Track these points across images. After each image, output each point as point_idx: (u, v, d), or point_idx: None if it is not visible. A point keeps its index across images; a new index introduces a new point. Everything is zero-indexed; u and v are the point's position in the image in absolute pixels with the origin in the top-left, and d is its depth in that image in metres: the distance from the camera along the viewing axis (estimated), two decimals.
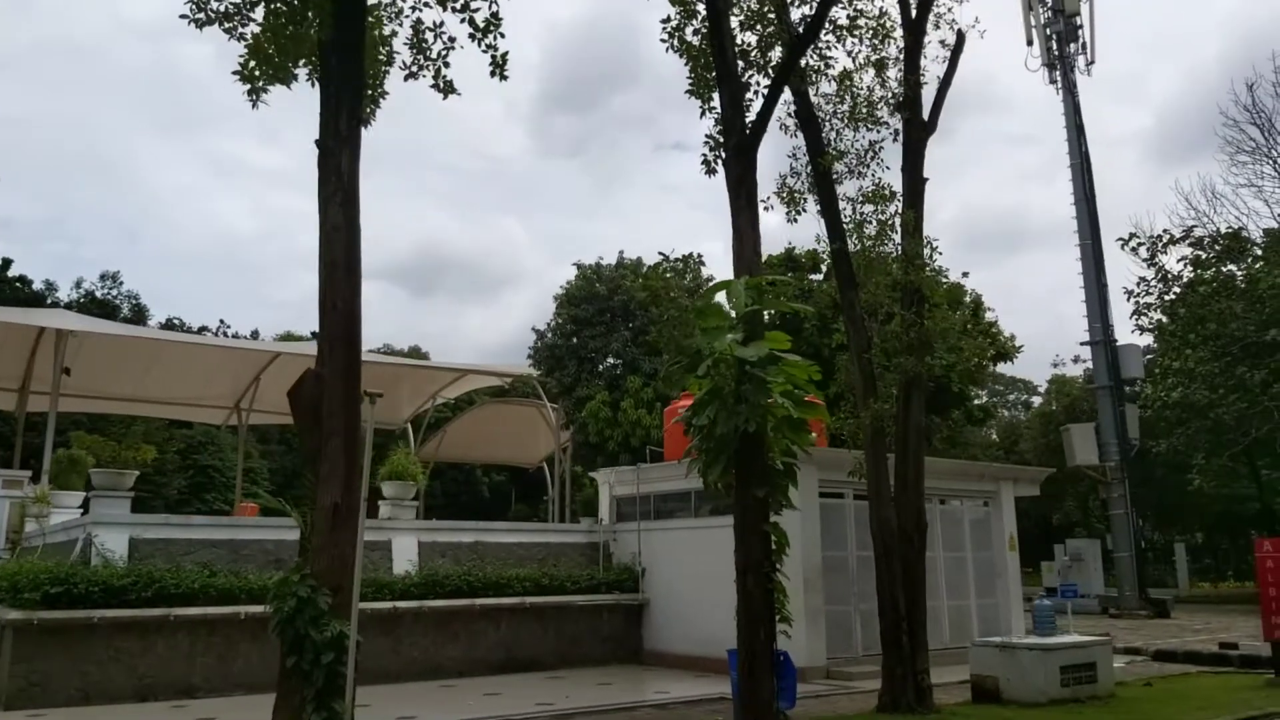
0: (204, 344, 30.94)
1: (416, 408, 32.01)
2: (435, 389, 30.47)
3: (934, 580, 15.26)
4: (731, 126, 9.08)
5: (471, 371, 30.62)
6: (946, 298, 31.13)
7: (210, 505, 44.35)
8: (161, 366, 25.26)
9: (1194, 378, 31.80)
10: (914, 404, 10.86)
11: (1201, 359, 32.30)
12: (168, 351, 25.53)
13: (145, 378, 25.70)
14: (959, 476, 16.11)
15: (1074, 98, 28.42)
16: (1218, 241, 31.86)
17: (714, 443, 8.06)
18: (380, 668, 13.61)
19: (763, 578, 7.90)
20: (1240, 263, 31.24)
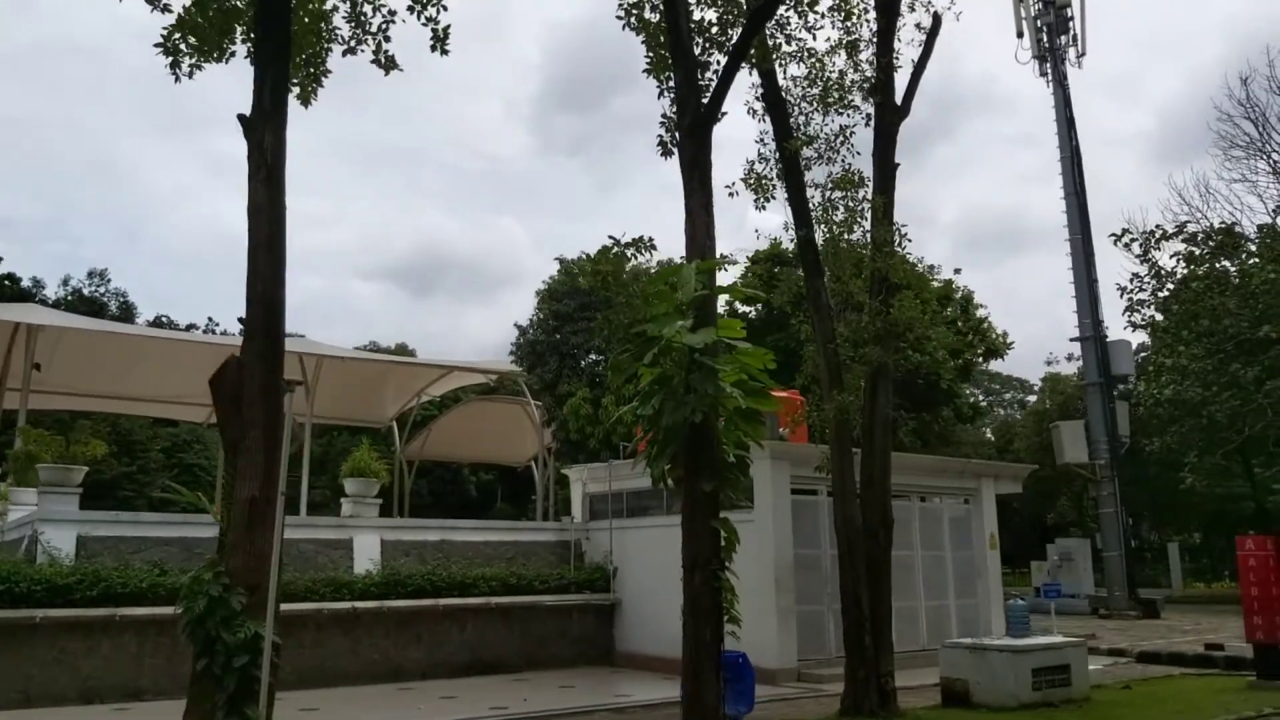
0: (183, 340, 30.53)
1: (401, 405, 31.60)
2: (420, 386, 30.06)
3: (912, 580, 14.90)
4: (686, 105, 8.69)
5: (456, 368, 30.18)
6: (936, 294, 30.83)
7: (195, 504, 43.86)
8: (141, 363, 24.84)
9: (1187, 375, 31.45)
10: (880, 396, 10.46)
11: (1194, 356, 31.93)
12: (147, 348, 25.10)
13: (125, 375, 25.27)
14: (938, 473, 15.72)
15: (1064, 91, 28.05)
16: (1211, 237, 31.53)
17: (660, 434, 7.67)
18: (339, 669, 13.25)
19: (710, 576, 7.51)
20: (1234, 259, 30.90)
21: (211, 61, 8.47)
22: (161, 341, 26.65)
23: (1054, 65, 28.19)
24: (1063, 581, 27.51)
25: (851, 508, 10.03)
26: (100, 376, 25.15)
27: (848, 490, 10.10)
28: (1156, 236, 32.36)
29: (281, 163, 7.33)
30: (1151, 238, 32.31)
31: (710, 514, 7.66)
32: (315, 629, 13.16)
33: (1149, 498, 41.77)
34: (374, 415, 30.64)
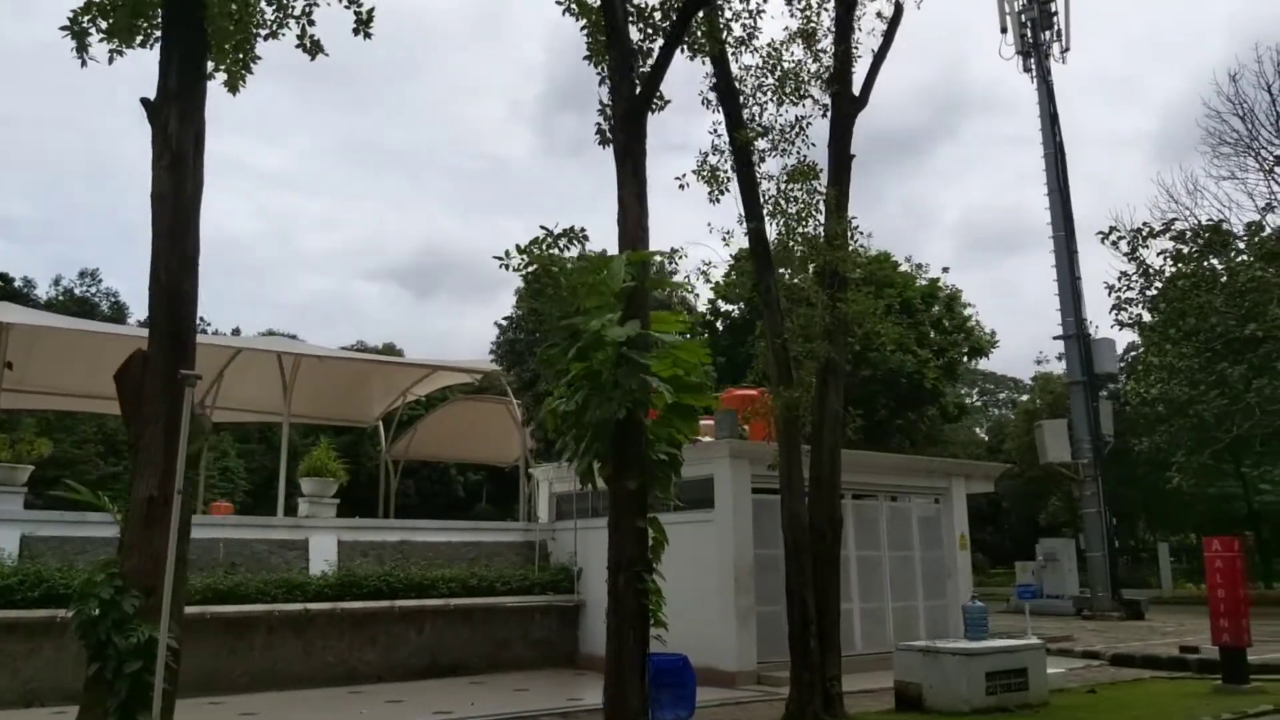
0: None
1: (387, 405, 31.37)
2: (405, 386, 29.82)
3: (879, 580, 14.64)
4: (619, 91, 8.43)
5: (441, 368, 29.96)
6: (920, 292, 30.56)
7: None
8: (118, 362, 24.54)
9: (1175, 373, 31.17)
10: (831, 392, 10.19)
11: (1182, 354, 31.67)
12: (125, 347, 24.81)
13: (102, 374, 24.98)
14: (906, 472, 15.45)
15: (1048, 86, 27.77)
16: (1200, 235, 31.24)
17: (583, 430, 7.41)
18: (290, 672, 12.99)
19: (635, 578, 7.25)
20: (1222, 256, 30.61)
21: (134, 46, 8.22)
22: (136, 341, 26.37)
23: (1038, 61, 27.91)
24: (1047, 582, 27.30)
25: (798, 506, 9.75)
26: (75, 375, 24.92)
27: (795, 488, 9.83)
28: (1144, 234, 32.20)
29: (188, 149, 7.06)
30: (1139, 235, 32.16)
31: (637, 514, 7.40)
32: (266, 631, 12.90)
33: (1140, 498, 41.53)
34: (359, 415, 30.41)
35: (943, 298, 30.70)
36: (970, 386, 71.94)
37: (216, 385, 26.44)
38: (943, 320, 30.54)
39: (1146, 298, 34.27)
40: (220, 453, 48.16)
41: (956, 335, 30.39)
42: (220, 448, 47.87)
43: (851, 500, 14.60)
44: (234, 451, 50.02)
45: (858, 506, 14.69)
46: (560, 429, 7.69)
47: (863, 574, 14.44)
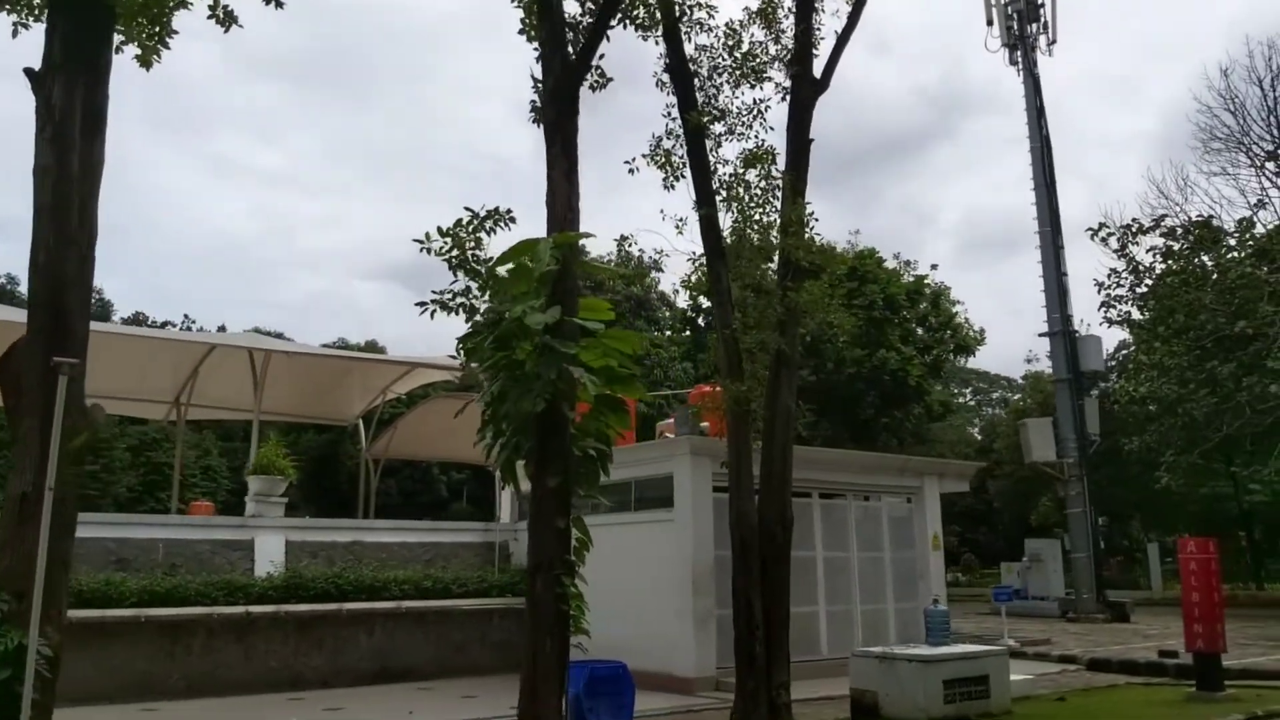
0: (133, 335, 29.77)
1: (368, 403, 30.89)
2: (384, 384, 29.35)
3: (847, 582, 14.18)
4: (550, 65, 7.94)
5: (420, 365, 29.48)
6: (906, 289, 30.13)
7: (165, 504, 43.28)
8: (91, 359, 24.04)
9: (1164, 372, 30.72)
10: (783, 386, 9.71)
11: (1171, 352, 31.23)
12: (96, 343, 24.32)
13: None
14: (876, 471, 14.97)
15: (1035, 79, 27.32)
16: (1190, 231, 30.78)
17: (501, 423, 6.93)
18: (231, 678, 12.51)
19: (554, 580, 6.75)
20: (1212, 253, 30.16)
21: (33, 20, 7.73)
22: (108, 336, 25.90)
23: (1024, 54, 27.46)
24: (1032, 583, 26.84)
25: (747, 504, 9.27)
26: None
27: (744, 485, 9.35)
28: (1133, 231, 31.69)
29: (72, 122, 6.56)
30: (1128, 232, 31.66)
31: (557, 512, 6.91)
32: (206, 635, 12.42)
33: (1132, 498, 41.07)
34: (338, 413, 29.93)
35: (928, 294, 30.24)
36: (964, 386, 71.64)
37: (191, 382, 25.98)
38: (929, 317, 30.10)
39: (1136, 295, 33.88)
40: (203, 451, 47.57)
41: (942, 332, 29.95)
42: (203, 446, 47.32)
43: (819, 499, 14.16)
44: (216, 450, 49.44)
45: (826, 506, 14.23)
46: (481, 422, 7.19)
47: (830, 576, 13.97)
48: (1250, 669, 13.54)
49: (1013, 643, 16.21)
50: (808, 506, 14.01)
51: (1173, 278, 30.71)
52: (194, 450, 46.51)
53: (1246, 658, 15.11)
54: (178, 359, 24.79)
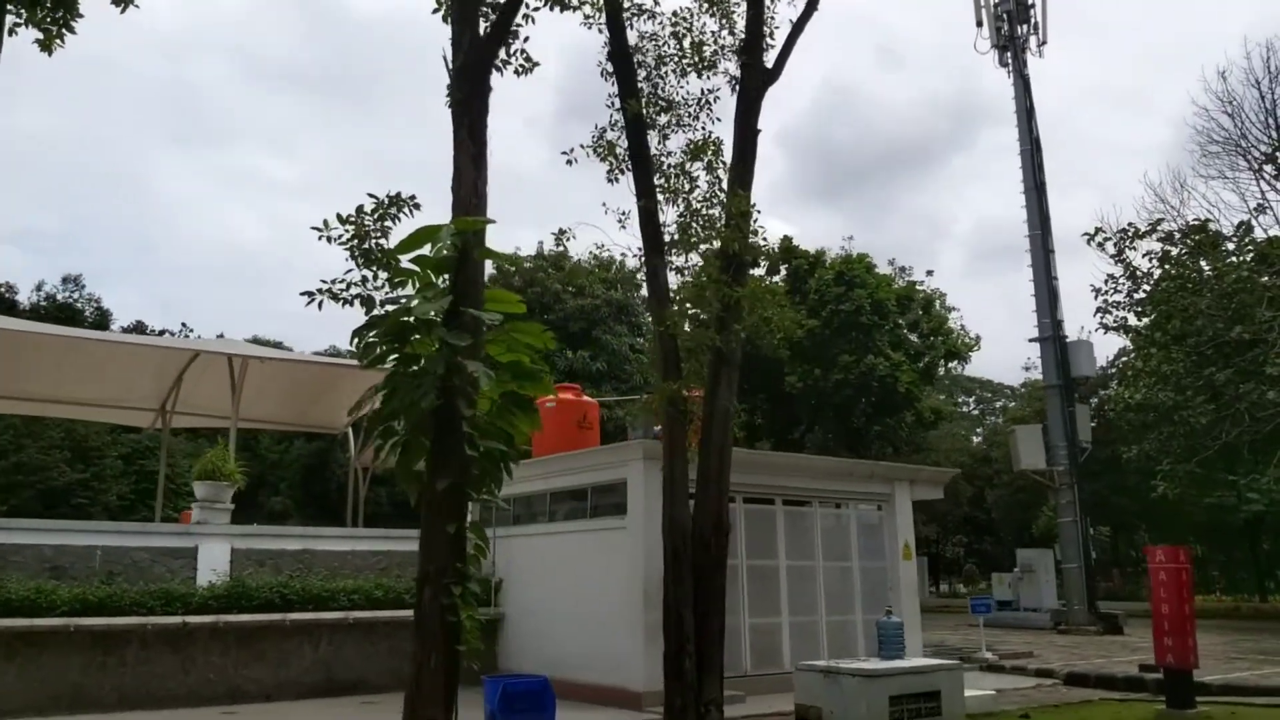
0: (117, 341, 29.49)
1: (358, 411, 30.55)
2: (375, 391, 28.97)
3: (813, 593, 13.68)
4: (459, 43, 7.53)
5: None
6: (897, 295, 29.63)
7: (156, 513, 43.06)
8: (76, 366, 23.79)
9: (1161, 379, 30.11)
10: (723, 386, 9.26)
11: (1166, 358, 30.62)
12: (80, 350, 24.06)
13: (58, 377, 24.23)
14: (844, 477, 14.45)
15: (1025, 80, 26.83)
16: (1188, 236, 30.19)
17: (390, 420, 6.49)
18: (166, 690, 12.08)
19: (443, 590, 6.29)
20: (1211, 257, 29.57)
21: None
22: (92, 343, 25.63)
23: (1014, 54, 26.99)
24: (1024, 594, 26.24)
25: (680, 511, 8.81)
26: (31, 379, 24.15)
27: (678, 491, 8.89)
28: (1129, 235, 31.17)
29: None
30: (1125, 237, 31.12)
31: (448, 517, 6.46)
32: (140, 646, 11.99)
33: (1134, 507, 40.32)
34: (327, 421, 29.60)
35: (919, 300, 29.73)
36: (967, 394, 70.98)
37: (175, 390, 25.66)
38: (920, 323, 29.58)
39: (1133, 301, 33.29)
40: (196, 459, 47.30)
41: (934, 338, 29.42)
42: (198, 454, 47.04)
43: (783, 507, 13.67)
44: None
45: (790, 514, 13.73)
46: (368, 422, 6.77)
47: (794, 586, 13.47)
48: (1233, 684, 12.97)
49: (990, 655, 15.67)
50: (771, 514, 13.55)
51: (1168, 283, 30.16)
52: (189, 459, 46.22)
53: (1234, 672, 14.52)
54: (162, 366, 24.51)
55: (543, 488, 14.24)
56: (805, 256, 29.03)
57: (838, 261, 28.07)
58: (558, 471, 13.82)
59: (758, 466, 13.39)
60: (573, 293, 23.39)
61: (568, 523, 13.65)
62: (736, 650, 12.69)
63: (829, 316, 27.03)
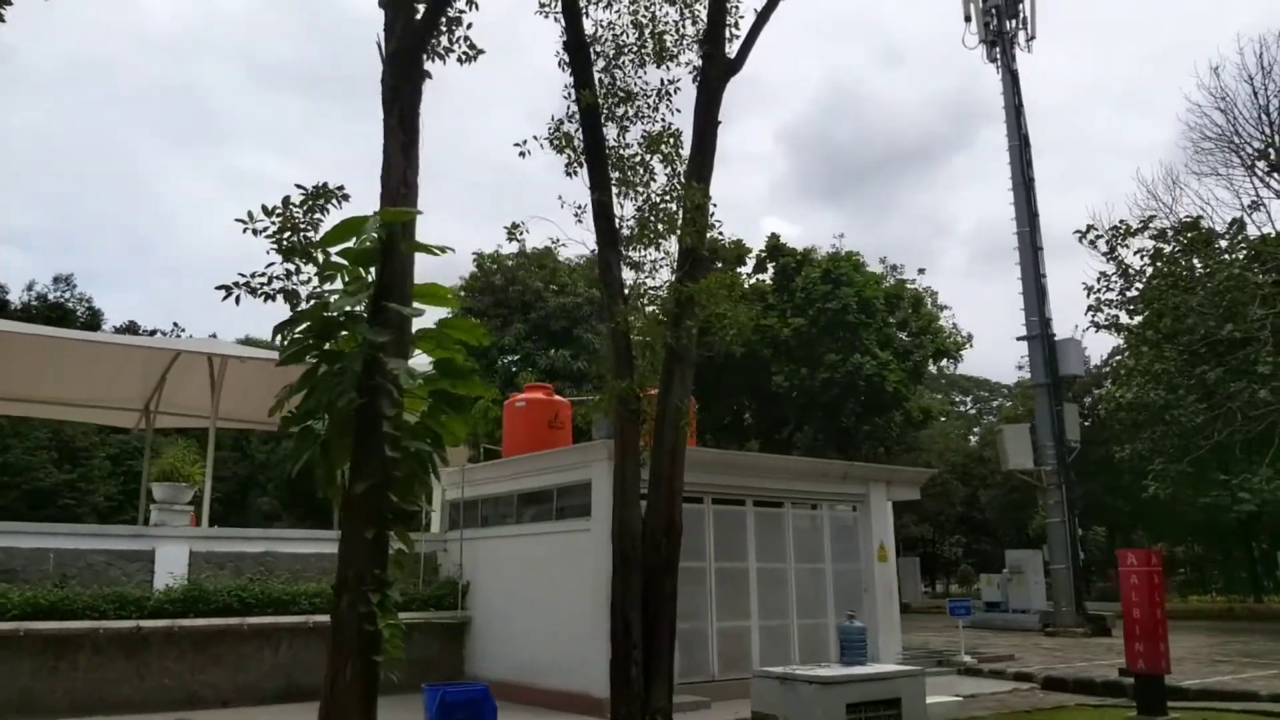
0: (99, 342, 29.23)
1: None
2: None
3: (784, 596, 13.41)
4: (392, 29, 7.26)
5: None
6: (885, 294, 29.33)
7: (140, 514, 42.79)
8: (59, 366, 23.54)
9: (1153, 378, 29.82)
10: (676, 384, 8.98)
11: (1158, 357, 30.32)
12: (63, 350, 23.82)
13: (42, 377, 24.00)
14: (817, 478, 14.17)
15: (1013, 76, 26.55)
16: (1181, 233, 29.89)
17: (306, 420, 6.22)
18: (120, 696, 11.82)
19: (360, 598, 6.02)
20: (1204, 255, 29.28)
21: None
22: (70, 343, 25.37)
23: (1003, 50, 26.71)
24: (1013, 595, 25.96)
25: (631, 513, 8.54)
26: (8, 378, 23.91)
27: (629, 492, 8.62)
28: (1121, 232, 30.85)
29: None
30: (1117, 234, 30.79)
31: (367, 522, 6.17)
32: (92, 651, 11.73)
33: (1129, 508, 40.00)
34: None
35: (908, 298, 29.44)
36: (964, 394, 70.69)
37: (159, 390, 25.39)
38: (909, 322, 29.30)
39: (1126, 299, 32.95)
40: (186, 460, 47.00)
41: (923, 337, 29.12)
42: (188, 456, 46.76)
43: (754, 508, 13.40)
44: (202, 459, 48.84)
45: (761, 515, 13.46)
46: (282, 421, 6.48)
47: (764, 589, 13.20)
48: (1211, 689, 12.69)
49: (969, 659, 15.40)
50: (741, 515, 13.28)
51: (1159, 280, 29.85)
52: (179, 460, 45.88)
53: (1217, 676, 14.25)
54: (145, 366, 24.23)
55: (510, 489, 13.99)
56: (793, 255, 28.77)
57: (825, 260, 27.79)
58: (524, 472, 13.56)
59: (728, 467, 13.13)
60: (555, 290, 23.14)
61: (534, 524, 13.38)
62: (704, 654, 12.44)
63: (816, 315, 26.77)
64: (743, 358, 28.70)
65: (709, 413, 31.59)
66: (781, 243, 28.97)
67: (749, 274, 29.19)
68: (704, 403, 31.80)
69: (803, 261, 28.19)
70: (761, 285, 28.72)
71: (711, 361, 28.46)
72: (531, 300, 23.33)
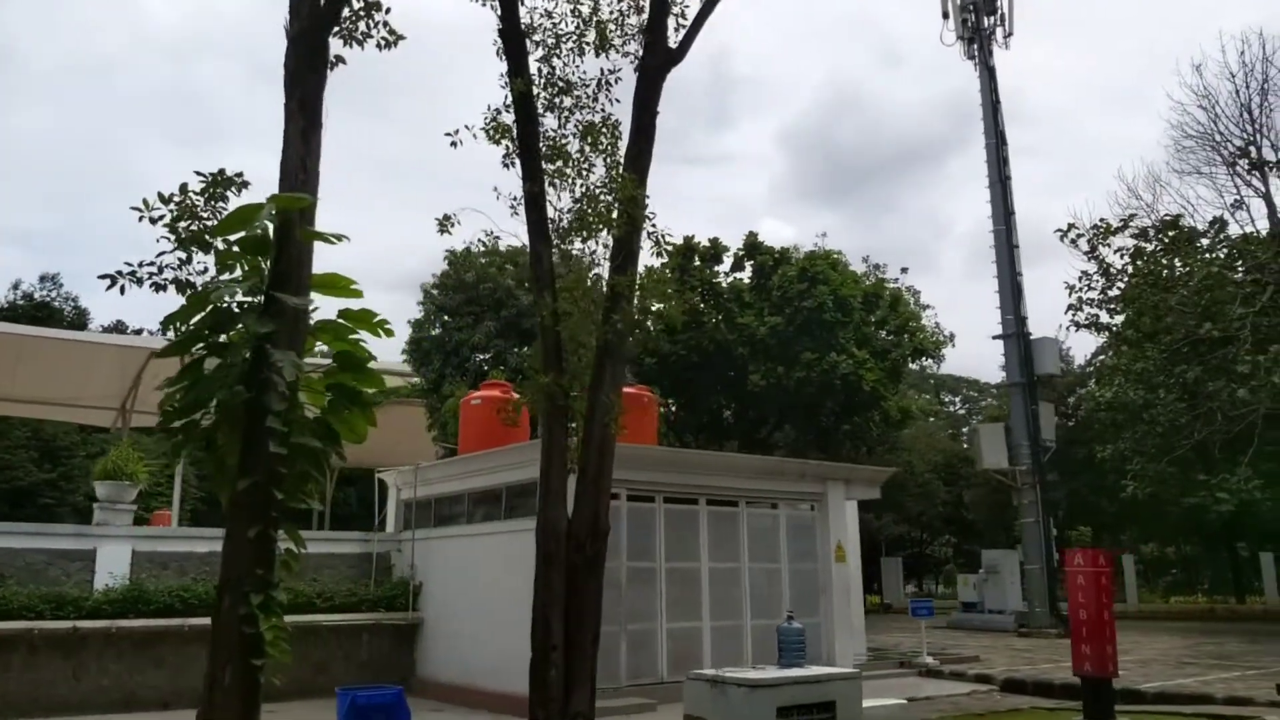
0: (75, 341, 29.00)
1: None
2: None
3: (737, 597, 13.20)
4: (297, 11, 7.04)
5: None
6: (864, 292, 29.10)
7: None
8: (31, 363, 23.31)
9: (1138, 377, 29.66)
10: (606, 378, 8.75)
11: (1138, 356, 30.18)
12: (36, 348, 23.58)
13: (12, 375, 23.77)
14: (773, 476, 13.97)
15: (991, 73, 26.37)
16: (1162, 232, 29.72)
17: (183, 416, 6.00)
18: (57, 698, 11.61)
19: (242, 599, 5.80)
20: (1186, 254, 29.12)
21: None
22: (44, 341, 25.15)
23: (980, 46, 26.54)
24: (989, 595, 25.78)
25: (555, 511, 8.32)
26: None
27: (554, 491, 8.40)
28: (1101, 231, 30.61)
29: None
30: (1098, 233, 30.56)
31: (253, 519, 5.95)
32: (28, 651, 11.52)
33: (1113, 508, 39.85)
34: None
35: (887, 297, 29.20)
36: (953, 393, 70.51)
37: (134, 389, 25.15)
38: (887, 320, 29.06)
39: (1107, 298, 32.72)
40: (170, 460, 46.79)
41: (902, 335, 28.87)
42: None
43: (706, 506, 13.19)
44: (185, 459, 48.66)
45: (715, 514, 13.25)
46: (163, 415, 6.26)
47: (717, 589, 12.99)
48: (1169, 692, 12.50)
49: (931, 660, 15.20)
50: (694, 514, 13.07)
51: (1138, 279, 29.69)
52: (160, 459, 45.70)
53: (1181, 678, 14.06)
54: (121, 365, 23.99)
55: (460, 488, 13.78)
56: (770, 253, 28.57)
57: (803, 259, 27.58)
58: (475, 471, 13.35)
59: (680, 466, 12.93)
60: (527, 288, 22.83)
61: (484, 524, 13.18)
62: (653, 656, 12.24)
63: (793, 314, 26.55)
64: (720, 357, 28.46)
65: (687, 413, 31.33)
66: (759, 241, 28.77)
67: (727, 272, 29.03)
68: (682, 403, 31.54)
69: (780, 260, 27.99)
70: (738, 284, 28.53)
71: (687, 360, 28.24)
72: (503, 298, 23.14)
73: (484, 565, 12.93)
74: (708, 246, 28.90)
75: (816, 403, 29.08)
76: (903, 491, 36.96)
